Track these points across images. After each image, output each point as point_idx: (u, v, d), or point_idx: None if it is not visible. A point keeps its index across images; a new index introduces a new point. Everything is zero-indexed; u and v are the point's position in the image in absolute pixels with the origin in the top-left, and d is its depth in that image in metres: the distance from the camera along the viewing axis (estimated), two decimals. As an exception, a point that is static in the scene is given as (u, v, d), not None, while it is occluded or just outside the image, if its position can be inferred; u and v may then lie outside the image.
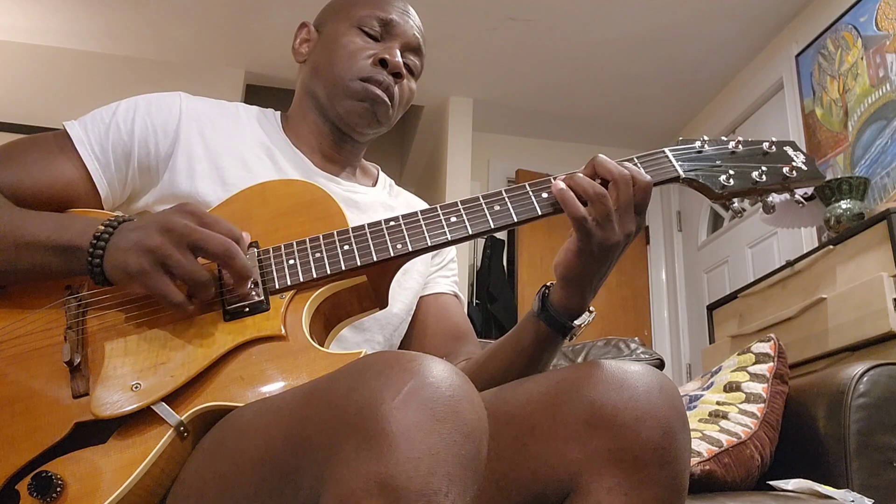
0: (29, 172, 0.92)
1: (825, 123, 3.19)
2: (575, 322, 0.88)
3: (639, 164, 0.87)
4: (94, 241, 0.78)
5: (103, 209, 0.95)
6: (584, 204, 0.81)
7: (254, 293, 0.80)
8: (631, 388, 0.71)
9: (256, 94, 4.08)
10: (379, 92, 1.03)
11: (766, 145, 0.93)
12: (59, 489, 0.70)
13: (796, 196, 0.92)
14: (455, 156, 4.14)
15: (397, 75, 1.05)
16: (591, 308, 0.89)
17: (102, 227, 0.80)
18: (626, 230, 0.82)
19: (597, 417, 0.70)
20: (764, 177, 0.89)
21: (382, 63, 1.04)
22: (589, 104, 4.30)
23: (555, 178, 0.84)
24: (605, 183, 0.82)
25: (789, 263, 2.54)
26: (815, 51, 3.30)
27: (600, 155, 0.84)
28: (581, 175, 0.82)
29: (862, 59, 2.98)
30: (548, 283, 0.90)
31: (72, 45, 3.87)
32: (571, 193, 0.81)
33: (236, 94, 3.94)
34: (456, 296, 1.17)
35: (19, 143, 0.96)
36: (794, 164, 0.91)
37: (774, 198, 0.91)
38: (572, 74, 4.01)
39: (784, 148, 0.93)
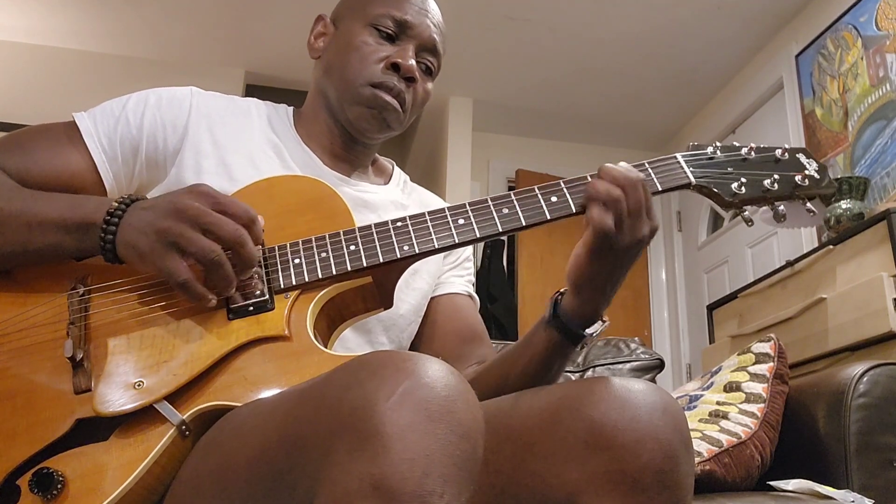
0: (36, 161, 0.92)
1: (825, 123, 3.19)
2: (587, 331, 0.86)
3: (650, 170, 0.87)
4: (108, 218, 0.79)
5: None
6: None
7: (258, 292, 0.80)
8: (633, 408, 0.69)
9: (256, 95, 4.03)
10: (389, 99, 1.01)
11: (778, 152, 0.91)
12: (59, 486, 0.69)
13: (808, 205, 0.89)
14: (455, 156, 4.14)
15: (410, 79, 1.02)
16: (605, 318, 0.87)
17: (116, 204, 0.80)
18: (637, 235, 0.80)
19: (596, 437, 0.68)
20: (776, 185, 0.88)
21: (395, 67, 1.01)
22: (589, 104, 4.30)
23: (568, 182, 0.84)
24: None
25: (789, 263, 2.54)
26: (815, 51, 3.30)
27: (607, 164, 0.83)
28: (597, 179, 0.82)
29: (862, 58, 2.98)
30: (561, 290, 0.88)
31: (71, 44, 3.87)
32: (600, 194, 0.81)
33: (235, 94, 3.93)
34: (470, 296, 1.14)
35: (29, 130, 0.96)
36: (806, 172, 0.89)
37: (785, 206, 0.89)
38: (572, 74, 4.00)
39: (797, 155, 0.91)
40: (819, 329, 2.27)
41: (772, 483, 1.31)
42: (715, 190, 0.87)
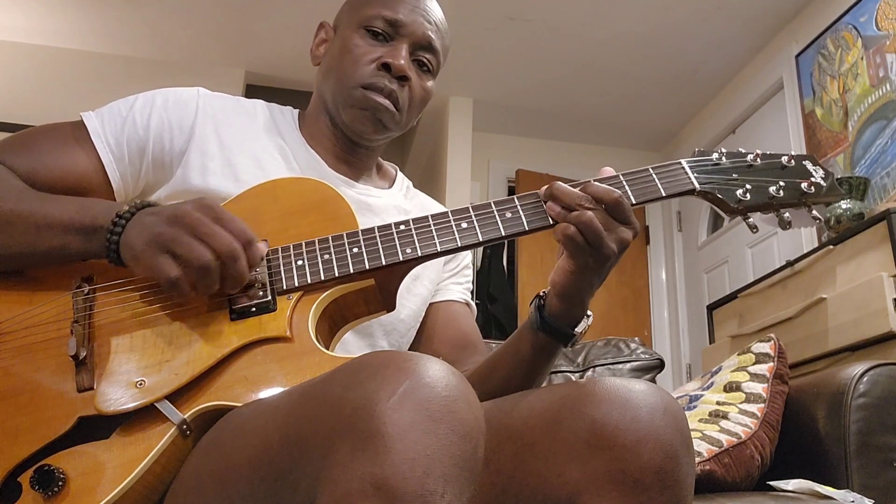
0: (43, 161, 0.92)
1: (825, 123, 3.19)
2: (576, 329, 0.87)
3: (654, 175, 0.87)
4: (116, 220, 0.79)
5: (116, 201, 0.95)
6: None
7: (261, 293, 0.80)
8: (634, 408, 0.69)
9: (256, 95, 4.04)
10: (380, 100, 1.01)
11: (784, 159, 0.90)
12: (60, 483, 0.70)
13: (813, 212, 0.89)
14: (455, 156, 4.14)
15: (402, 78, 1.02)
16: (589, 311, 0.89)
17: (126, 208, 0.81)
18: (620, 242, 0.81)
19: (597, 437, 0.69)
20: (781, 192, 0.87)
21: (386, 67, 1.01)
22: (589, 104, 4.30)
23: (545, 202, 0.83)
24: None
25: (789, 263, 2.54)
26: (815, 51, 3.30)
27: (592, 182, 0.83)
28: (572, 191, 0.81)
29: (862, 59, 2.98)
30: (541, 293, 0.89)
31: (71, 44, 3.87)
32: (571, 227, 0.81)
33: (236, 94, 3.94)
34: (467, 304, 1.15)
35: (36, 130, 0.96)
36: (812, 179, 0.89)
37: (790, 212, 0.88)
38: (572, 74, 4.01)
39: (803, 162, 0.91)
40: (819, 329, 2.27)
41: (772, 483, 1.31)
42: (719, 196, 0.87)
